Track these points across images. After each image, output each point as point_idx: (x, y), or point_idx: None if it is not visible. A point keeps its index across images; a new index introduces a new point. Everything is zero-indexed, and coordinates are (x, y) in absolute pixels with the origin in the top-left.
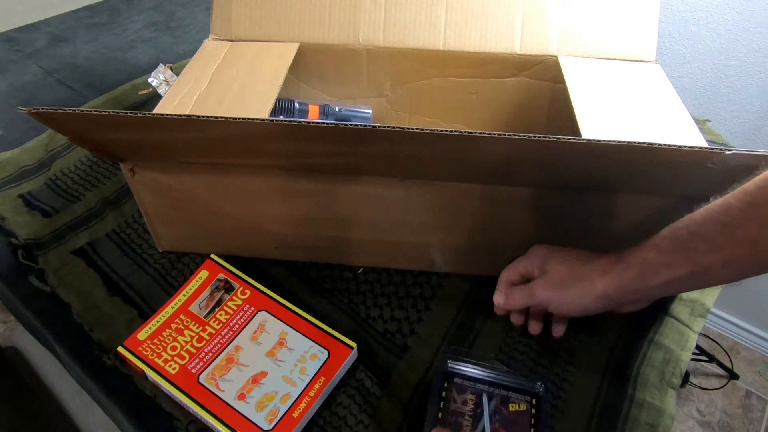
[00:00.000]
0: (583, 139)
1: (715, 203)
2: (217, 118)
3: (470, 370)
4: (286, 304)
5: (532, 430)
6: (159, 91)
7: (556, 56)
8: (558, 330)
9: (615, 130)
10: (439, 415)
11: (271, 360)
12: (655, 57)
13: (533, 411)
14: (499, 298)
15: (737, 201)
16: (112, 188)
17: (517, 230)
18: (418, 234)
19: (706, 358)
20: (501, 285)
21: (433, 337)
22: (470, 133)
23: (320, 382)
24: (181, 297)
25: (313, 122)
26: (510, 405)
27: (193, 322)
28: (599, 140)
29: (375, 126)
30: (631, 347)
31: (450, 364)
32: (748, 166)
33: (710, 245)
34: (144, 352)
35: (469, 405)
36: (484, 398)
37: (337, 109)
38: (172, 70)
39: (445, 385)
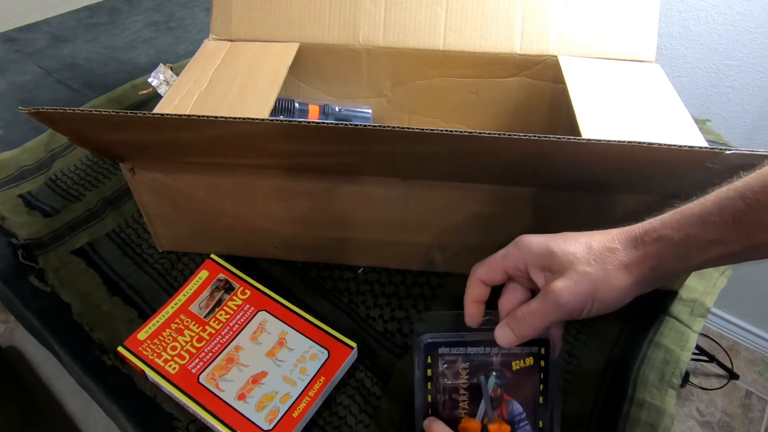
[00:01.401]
0: (583, 139)
1: None
2: (217, 118)
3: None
4: (286, 304)
5: (541, 386)
6: (159, 91)
7: (556, 56)
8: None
9: (615, 130)
10: (429, 398)
11: (271, 360)
12: (655, 57)
13: (542, 363)
14: (507, 336)
15: None
16: (112, 188)
17: (517, 230)
18: (418, 234)
19: (706, 358)
20: (473, 289)
21: None
22: (470, 133)
23: (320, 382)
24: (181, 297)
25: (313, 122)
26: (513, 364)
27: (193, 322)
28: (599, 140)
29: (375, 126)
30: (631, 347)
31: (429, 338)
32: (749, 166)
33: None
34: (144, 352)
35: (462, 377)
36: (482, 379)
37: (337, 109)
38: (172, 70)
39: (429, 361)
